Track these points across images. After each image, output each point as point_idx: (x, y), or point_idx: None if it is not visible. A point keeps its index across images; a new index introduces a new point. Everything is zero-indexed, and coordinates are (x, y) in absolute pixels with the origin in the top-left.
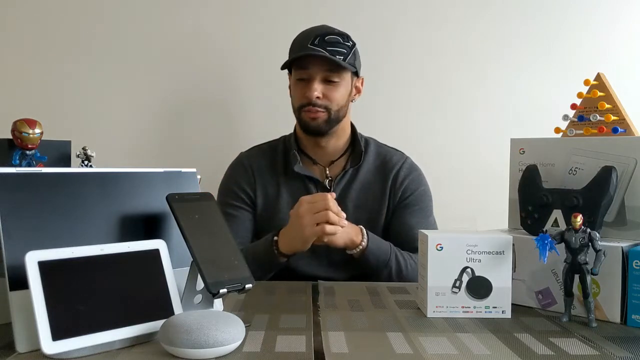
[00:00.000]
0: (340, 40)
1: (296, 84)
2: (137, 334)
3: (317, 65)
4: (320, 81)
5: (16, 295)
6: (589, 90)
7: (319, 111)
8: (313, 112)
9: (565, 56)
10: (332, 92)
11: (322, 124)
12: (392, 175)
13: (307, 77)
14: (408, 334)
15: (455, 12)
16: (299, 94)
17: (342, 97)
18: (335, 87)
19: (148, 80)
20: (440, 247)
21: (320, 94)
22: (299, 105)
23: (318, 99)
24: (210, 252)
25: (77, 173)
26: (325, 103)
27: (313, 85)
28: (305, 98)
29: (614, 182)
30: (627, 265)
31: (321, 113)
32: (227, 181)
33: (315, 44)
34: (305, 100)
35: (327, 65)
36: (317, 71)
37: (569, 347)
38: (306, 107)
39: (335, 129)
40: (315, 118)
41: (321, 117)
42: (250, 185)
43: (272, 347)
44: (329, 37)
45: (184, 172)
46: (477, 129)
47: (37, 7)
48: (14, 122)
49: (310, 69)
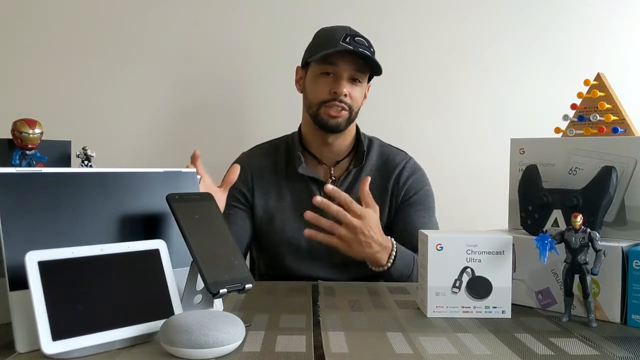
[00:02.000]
0: (366, 44)
1: (318, 79)
2: (137, 334)
3: (347, 62)
4: (348, 79)
5: (16, 295)
6: (589, 90)
7: (344, 108)
8: (337, 109)
9: (565, 56)
10: (355, 92)
11: (342, 121)
12: (394, 174)
13: (334, 73)
14: (408, 334)
15: (455, 12)
16: (322, 89)
17: (361, 99)
18: (358, 87)
19: (148, 80)
20: (440, 247)
21: (348, 92)
22: (321, 100)
23: (345, 97)
24: (210, 252)
25: (77, 173)
26: (349, 102)
27: (343, 82)
28: (331, 94)
29: (614, 182)
30: (627, 265)
31: (344, 111)
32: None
33: (347, 42)
34: (330, 96)
35: (355, 64)
36: (347, 68)
37: (569, 347)
38: (330, 103)
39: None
40: (337, 116)
41: (343, 114)
42: (247, 185)
43: (272, 347)
44: (358, 38)
45: (184, 172)
46: (477, 129)
47: (37, 7)
48: (14, 122)
49: (339, 65)
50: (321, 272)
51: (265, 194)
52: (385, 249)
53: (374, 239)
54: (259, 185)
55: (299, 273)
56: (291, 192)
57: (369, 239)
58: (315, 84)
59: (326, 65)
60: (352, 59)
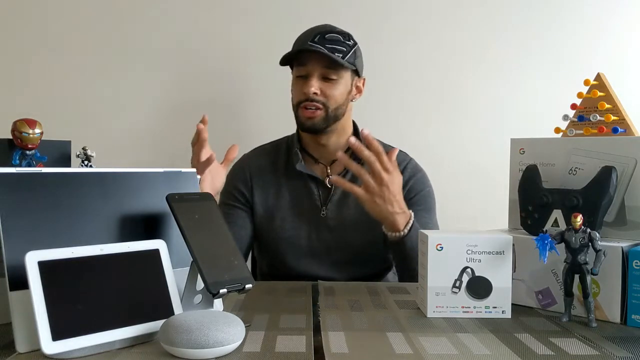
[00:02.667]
0: (341, 39)
1: (295, 81)
2: (137, 334)
3: (315, 62)
4: (319, 78)
5: (16, 295)
6: (589, 90)
7: (317, 108)
8: (310, 109)
9: (565, 56)
10: (330, 90)
11: (318, 121)
12: None
13: (306, 73)
14: (408, 334)
15: (455, 13)
16: (297, 91)
17: (341, 96)
18: (334, 85)
19: (148, 80)
20: (440, 247)
21: (318, 90)
22: (297, 102)
23: (315, 95)
24: (210, 252)
25: (77, 173)
26: (323, 100)
27: (311, 81)
28: (303, 94)
29: (614, 182)
30: (627, 265)
31: (318, 110)
32: (226, 184)
33: (315, 41)
34: (303, 97)
35: (325, 62)
36: (315, 68)
37: (569, 347)
38: (303, 103)
39: (334, 127)
40: (311, 117)
41: (318, 114)
42: (246, 184)
43: (272, 347)
44: (330, 35)
45: (184, 172)
46: (477, 129)
47: (37, 7)
48: (14, 122)
49: (308, 65)
50: (321, 271)
51: (264, 192)
52: (404, 214)
53: (397, 198)
54: (257, 185)
55: (300, 272)
56: (290, 190)
57: (392, 196)
58: (294, 86)
59: (299, 67)
60: (321, 57)
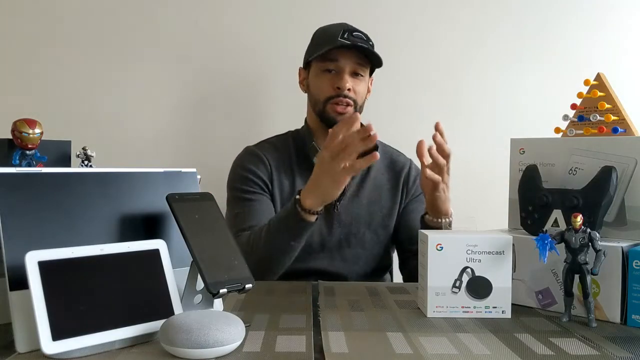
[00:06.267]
0: (364, 38)
1: (321, 76)
2: (137, 334)
3: (347, 57)
4: (349, 74)
5: (16, 295)
6: (589, 90)
7: (348, 104)
8: (342, 104)
9: (565, 56)
10: (358, 86)
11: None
12: (403, 174)
13: (336, 69)
14: (408, 334)
15: (456, 13)
16: (325, 86)
17: (364, 93)
18: (361, 82)
19: (148, 80)
20: (440, 247)
21: (351, 86)
22: (327, 97)
23: (348, 91)
24: (210, 252)
25: (77, 173)
26: (353, 96)
27: (345, 76)
28: (335, 90)
29: (614, 182)
30: (627, 265)
31: (349, 107)
32: (241, 171)
33: (345, 38)
34: (335, 92)
35: (355, 58)
36: (347, 63)
37: (569, 347)
38: (335, 99)
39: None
40: (343, 112)
41: (349, 110)
42: (268, 175)
43: (272, 347)
44: (356, 33)
45: (184, 172)
46: (477, 129)
47: (37, 6)
48: (14, 122)
49: (341, 61)
50: (331, 266)
51: (280, 187)
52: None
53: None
54: (277, 178)
55: (309, 266)
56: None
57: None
58: (319, 81)
59: (327, 62)
60: (352, 53)
